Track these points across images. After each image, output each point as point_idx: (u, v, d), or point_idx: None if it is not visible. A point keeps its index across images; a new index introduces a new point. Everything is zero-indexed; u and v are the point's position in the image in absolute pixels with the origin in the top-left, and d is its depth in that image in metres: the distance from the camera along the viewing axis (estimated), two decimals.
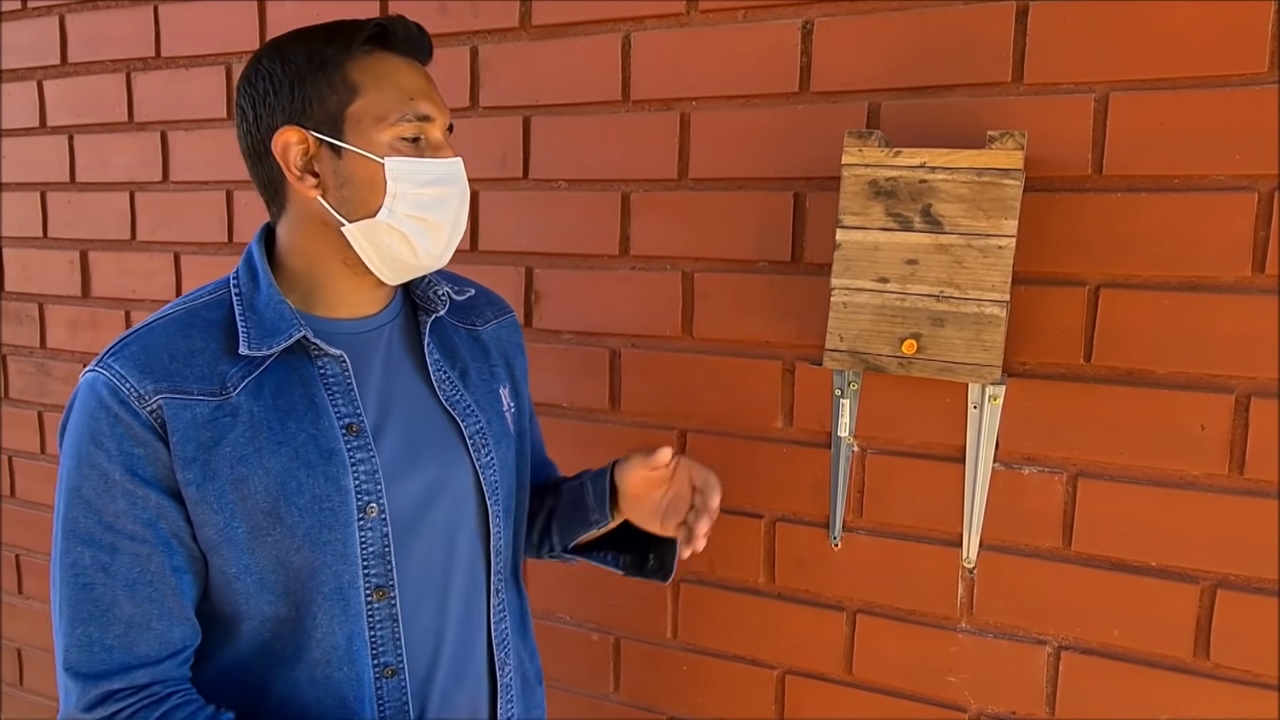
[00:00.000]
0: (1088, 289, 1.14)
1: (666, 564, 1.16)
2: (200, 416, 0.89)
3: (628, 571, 1.19)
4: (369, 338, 1.01)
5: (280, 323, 0.93)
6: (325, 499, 0.92)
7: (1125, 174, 1.11)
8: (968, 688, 1.24)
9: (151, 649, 0.89)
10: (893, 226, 1.14)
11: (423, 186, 0.94)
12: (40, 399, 2.02)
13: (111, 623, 0.88)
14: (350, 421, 0.95)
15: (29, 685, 2.19)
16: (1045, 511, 1.18)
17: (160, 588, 0.90)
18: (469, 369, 1.07)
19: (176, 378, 0.90)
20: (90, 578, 0.89)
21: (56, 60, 1.89)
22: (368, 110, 0.93)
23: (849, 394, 1.24)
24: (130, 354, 0.91)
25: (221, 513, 0.90)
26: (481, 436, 1.04)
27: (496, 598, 1.06)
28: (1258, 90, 1.04)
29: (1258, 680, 1.10)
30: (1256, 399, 1.07)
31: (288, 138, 0.93)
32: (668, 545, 1.15)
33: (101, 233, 1.89)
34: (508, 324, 1.17)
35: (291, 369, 0.94)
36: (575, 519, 1.15)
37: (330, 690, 0.95)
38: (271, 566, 0.91)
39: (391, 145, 0.93)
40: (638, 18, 1.35)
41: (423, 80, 0.97)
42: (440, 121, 0.96)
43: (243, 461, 0.90)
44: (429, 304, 1.05)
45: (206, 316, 0.95)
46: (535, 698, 1.16)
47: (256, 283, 0.96)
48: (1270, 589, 1.08)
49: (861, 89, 1.23)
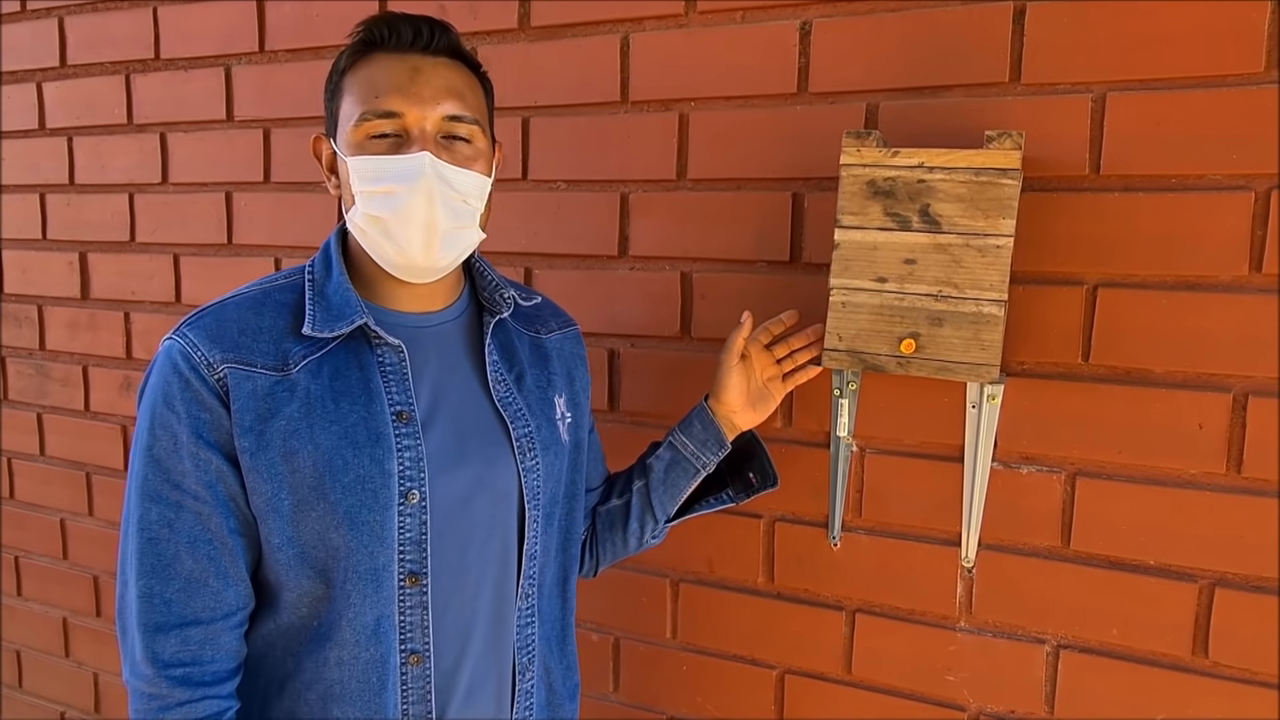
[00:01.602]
0: (1085, 288, 1.14)
1: (768, 470, 1.24)
2: (261, 388, 0.94)
3: (739, 499, 1.25)
4: (430, 332, 1.04)
5: (345, 309, 0.98)
6: (369, 480, 0.95)
7: (1122, 174, 1.11)
8: (967, 687, 1.24)
9: (207, 605, 0.94)
10: (891, 226, 1.15)
11: (373, 184, 0.95)
12: (39, 401, 2.02)
13: (172, 577, 0.93)
14: (401, 409, 0.98)
15: (28, 687, 2.19)
16: (1044, 511, 1.18)
17: (218, 546, 0.94)
18: (525, 373, 1.09)
19: (243, 350, 0.95)
20: (155, 533, 0.93)
21: (56, 62, 1.89)
22: (345, 110, 0.98)
23: (848, 394, 1.24)
24: (204, 324, 0.96)
25: (271, 482, 0.94)
26: (529, 440, 1.05)
27: (524, 602, 1.07)
28: (1254, 90, 1.05)
29: (1256, 679, 1.10)
30: (1254, 398, 1.08)
31: (319, 146, 1.03)
32: (759, 455, 1.24)
33: (100, 234, 1.89)
34: (572, 336, 1.19)
35: (352, 354, 0.98)
36: (677, 479, 1.19)
37: (355, 671, 0.97)
38: (313, 541, 0.95)
39: (359, 144, 0.96)
40: (636, 19, 1.36)
41: (405, 76, 0.95)
42: (413, 115, 0.94)
43: (295, 435, 0.93)
44: (494, 306, 1.07)
45: (279, 298, 1.00)
46: (561, 713, 1.15)
47: (329, 270, 1.02)
48: (1268, 587, 1.09)
49: (859, 89, 1.23)
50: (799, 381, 1.23)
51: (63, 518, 2.04)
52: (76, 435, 1.98)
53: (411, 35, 0.97)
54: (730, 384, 1.16)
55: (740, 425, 1.19)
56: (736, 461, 1.24)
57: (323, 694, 0.97)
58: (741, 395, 1.17)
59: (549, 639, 1.11)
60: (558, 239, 1.45)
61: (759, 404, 1.19)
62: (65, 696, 2.13)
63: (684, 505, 1.22)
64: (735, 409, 1.17)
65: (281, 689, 0.99)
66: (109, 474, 1.95)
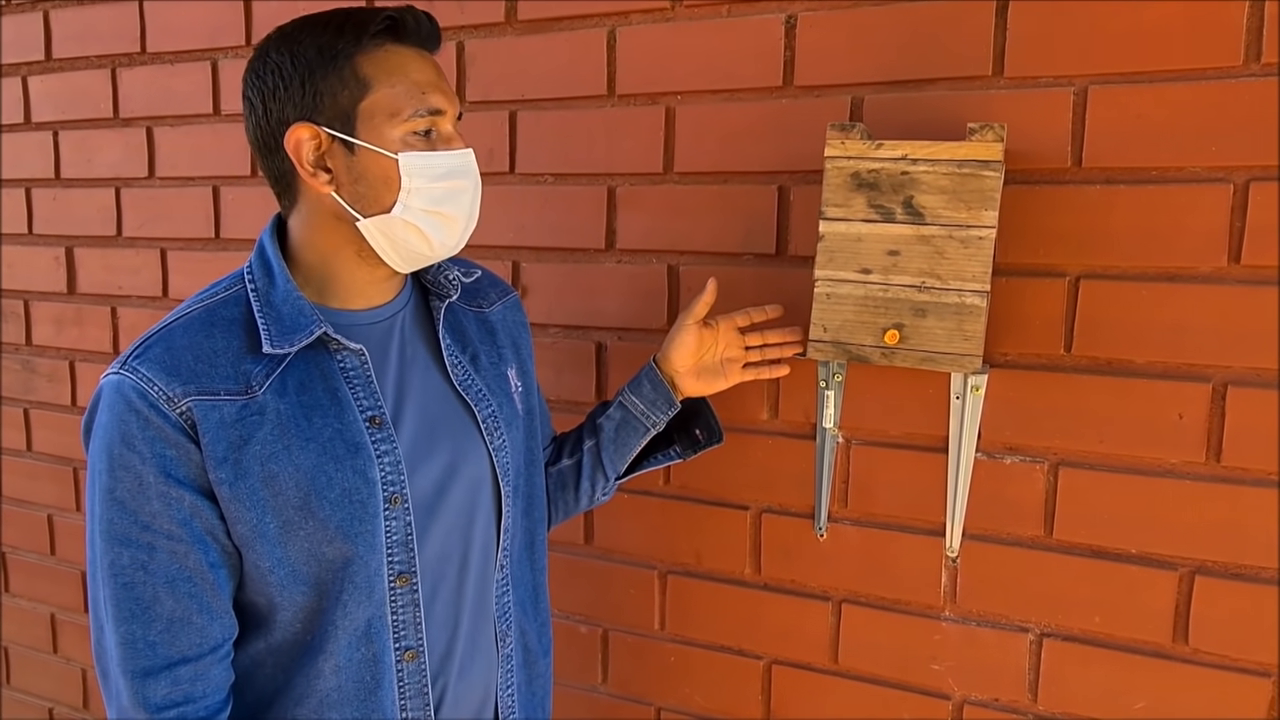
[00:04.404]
0: (1067, 280, 1.15)
1: (714, 427, 1.25)
2: (228, 416, 0.91)
3: (686, 455, 1.26)
4: (384, 327, 1.02)
5: (300, 319, 0.94)
6: (355, 492, 0.94)
7: (1104, 166, 1.12)
8: (951, 675, 1.26)
9: (194, 643, 0.91)
10: (875, 218, 1.16)
11: (436, 180, 0.95)
12: (26, 396, 2.02)
13: (154, 619, 0.90)
14: (372, 414, 0.97)
15: (16, 684, 2.18)
16: (1027, 500, 1.19)
17: (199, 583, 0.91)
18: (479, 353, 1.09)
19: (203, 379, 0.91)
20: (130, 577, 0.90)
21: (41, 56, 1.88)
22: (380, 105, 0.92)
23: (833, 385, 1.25)
24: (154, 356, 0.91)
25: (254, 509, 0.91)
26: (494, 420, 1.06)
27: (500, 573, 1.08)
28: (1232, 83, 1.06)
29: (1235, 664, 1.11)
30: (1233, 388, 1.09)
31: (300, 134, 0.93)
32: (705, 412, 1.25)
33: (87, 229, 1.88)
34: (511, 304, 1.19)
35: (312, 363, 0.96)
36: (627, 438, 1.20)
37: (350, 675, 0.96)
38: (304, 559, 0.93)
39: (404, 140, 0.93)
40: (623, 13, 1.36)
41: (433, 72, 0.96)
42: (451, 113, 0.96)
43: (273, 459, 0.91)
44: (441, 289, 1.06)
45: (225, 314, 0.95)
46: (537, 668, 1.17)
47: (272, 278, 0.96)
48: (1247, 575, 1.10)
49: (844, 83, 1.24)
50: (761, 376, 1.24)
51: (50, 513, 2.03)
52: (64, 431, 1.98)
53: (428, 30, 0.97)
54: (680, 343, 1.17)
55: (683, 389, 1.20)
56: (683, 418, 1.25)
57: (317, 705, 0.96)
58: (689, 358, 1.18)
59: (522, 602, 1.13)
60: (545, 232, 1.45)
61: (708, 376, 1.20)
62: (54, 693, 2.12)
63: (633, 462, 1.24)
64: (680, 370, 1.18)
65: (270, 706, 0.98)
66: None
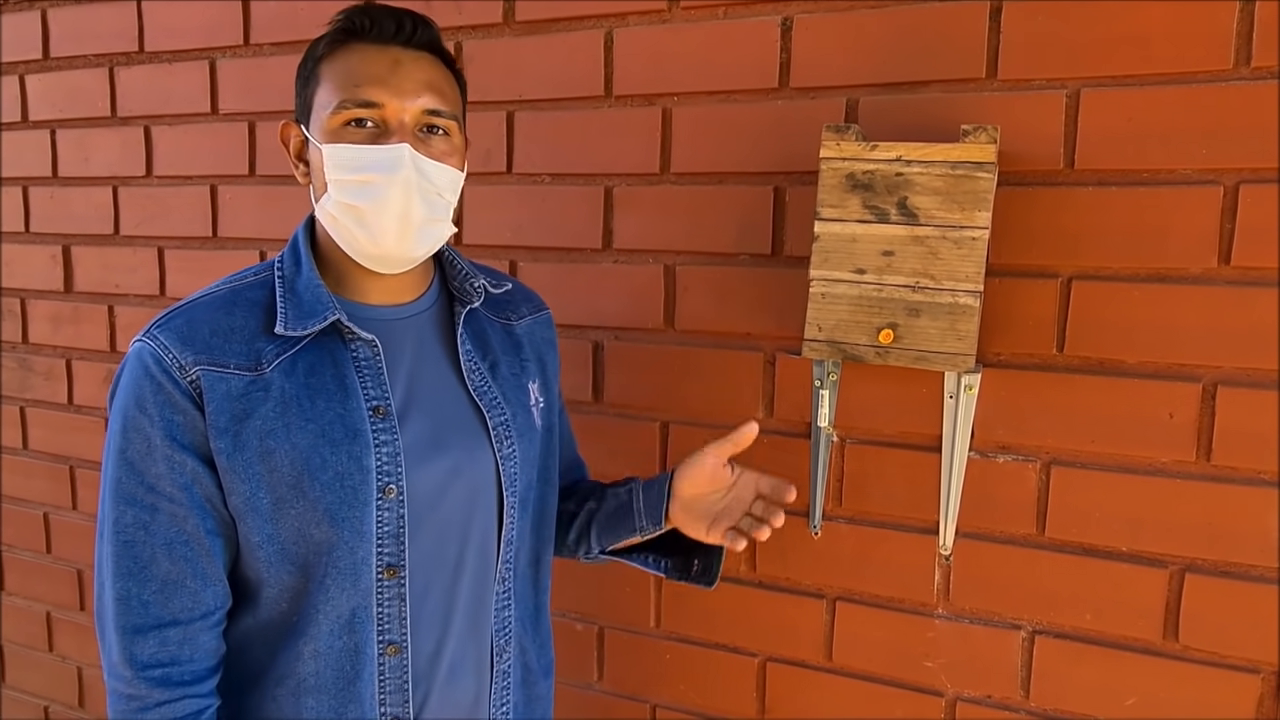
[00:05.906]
0: (1060, 281, 1.16)
1: (712, 570, 1.17)
2: (235, 389, 0.94)
3: (670, 576, 1.20)
4: (402, 324, 1.03)
5: (317, 305, 0.97)
6: (347, 476, 0.95)
7: (1096, 168, 1.13)
8: (944, 672, 1.27)
9: (185, 606, 0.94)
10: (869, 219, 1.17)
11: (351, 173, 0.95)
12: (23, 394, 2.02)
13: (149, 579, 0.93)
14: (378, 404, 0.98)
15: (12, 682, 2.18)
16: (1019, 499, 1.21)
17: (195, 548, 0.94)
18: (499, 361, 1.09)
19: (215, 351, 0.94)
20: (131, 535, 0.93)
21: (39, 54, 1.88)
22: (321, 98, 0.97)
23: (828, 384, 1.26)
24: (174, 326, 0.95)
25: (249, 482, 0.94)
26: (505, 428, 1.06)
27: (501, 586, 1.08)
28: (1223, 87, 1.07)
29: (1224, 661, 1.12)
30: (1223, 387, 1.10)
31: (288, 131, 1.02)
32: (715, 552, 1.17)
33: (84, 228, 1.89)
34: (543, 320, 1.19)
35: (325, 350, 0.98)
36: (618, 524, 1.16)
37: (329, 662, 0.97)
38: (293, 538, 0.95)
39: (335, 132, 0.95)
40: (620, 14, 1.37)
41: (385, 67, 0.95)
42: (394, 106, 0.94)
43: (271, 435, 0.93)
44: (465, 295, 1.07)
45: (249, 296, 0.99)
46: (537, 689, 1.16)
47: (299, 266, 1.01)
48: (1236, 573, 1.11)
49: (840, 85, 1.25)
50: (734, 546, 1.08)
51: (46, 512, 2.03)
52: (60, 429, 1.98)
53: (394, 27, 0.97)
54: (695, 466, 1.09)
55: (669, 514, 1.11)
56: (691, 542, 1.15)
57: (295, 688, 0.97)
58: (692, 488, 1.09)
59: (524, 619, 1.12)
60: (542, 232, 1.46)
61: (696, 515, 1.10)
62: (49, 691, 2.12)
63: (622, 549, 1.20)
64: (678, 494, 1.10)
65: (255, 683, 0.99)
66: (92, 468, 1.95)
